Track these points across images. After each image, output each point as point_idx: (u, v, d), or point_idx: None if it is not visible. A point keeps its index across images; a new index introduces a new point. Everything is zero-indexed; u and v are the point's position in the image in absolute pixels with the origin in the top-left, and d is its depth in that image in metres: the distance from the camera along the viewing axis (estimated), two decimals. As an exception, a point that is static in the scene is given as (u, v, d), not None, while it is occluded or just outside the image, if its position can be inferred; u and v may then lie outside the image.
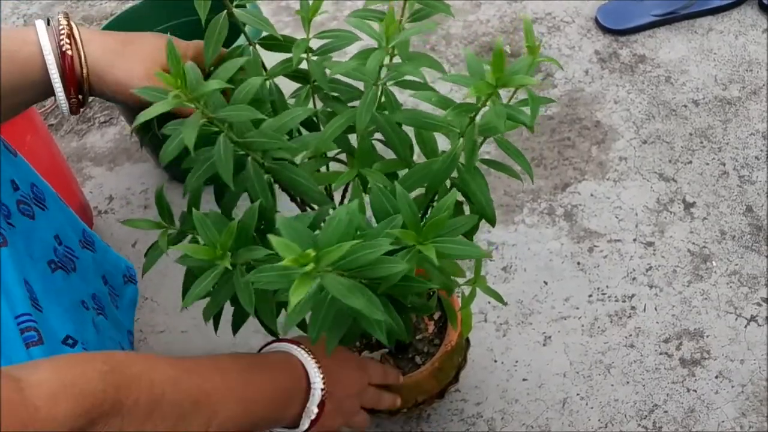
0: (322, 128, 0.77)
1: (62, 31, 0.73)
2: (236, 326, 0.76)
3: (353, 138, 0.77)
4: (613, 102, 1.33)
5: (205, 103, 0.62)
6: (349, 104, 0.77)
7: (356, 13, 0.74)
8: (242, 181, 0.68)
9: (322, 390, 0.75)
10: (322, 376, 0.75)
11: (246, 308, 0.65)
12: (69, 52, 0.73)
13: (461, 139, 0.68)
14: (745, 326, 1.06)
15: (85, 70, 0.74)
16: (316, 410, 0.75)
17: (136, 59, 0.75)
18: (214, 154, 0.65)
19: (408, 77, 0.72)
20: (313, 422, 0.75)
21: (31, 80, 0.73)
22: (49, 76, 0.73)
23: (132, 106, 0.80)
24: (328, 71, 0.74)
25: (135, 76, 0.74)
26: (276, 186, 0.73)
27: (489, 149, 1.25)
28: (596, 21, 1.45)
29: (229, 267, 0.64)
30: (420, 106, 1.28)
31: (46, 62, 0.73)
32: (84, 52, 0.74)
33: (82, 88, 0.75)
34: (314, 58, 0.76)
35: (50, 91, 0.75)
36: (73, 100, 0.75)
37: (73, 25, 0.74)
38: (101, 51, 0.75)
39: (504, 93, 0.66)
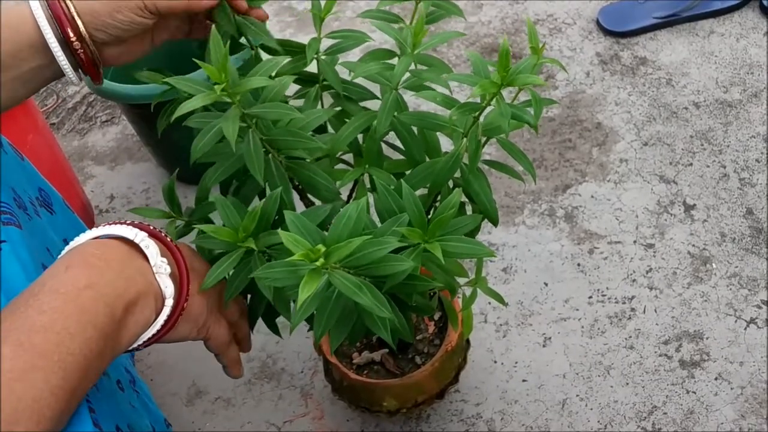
0: (329, 129, 0.78)
1: None
2: (253, 318, 0.76)
3: (359, 138, 0.77)
4: (614, 104, 1.34)
5: (240, 99, 0.63)
6: (360, 104, 0.78)
7: (367, 13, 0.74)
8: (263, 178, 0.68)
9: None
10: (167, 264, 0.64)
11: (265, 294, 0.65)
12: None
13: (464, 139, 0.68)
14: (745, 328, 1.06)
15: (72, 8, 0.69)
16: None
17: None
18: (243, 148, 0.65)
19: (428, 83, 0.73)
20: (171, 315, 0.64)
21: (27, 42, 0.69)
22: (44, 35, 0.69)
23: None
24: (350, 73, 0.74)
25: None
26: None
27: (490, 150, 1.25)
28: (597, 23, 1.45)
29: (254, 248, 0.65)
30: (421, 107, 1.28)
31: (34, 16, 0.68)
32: None
33: (79, 32, 0.69)
34: (324, 57, 0.76)
35: (55, 61, 0.70)
36: (79, 49, 0.69)
37: None
38: None
39: (506, 95, 0.66)
